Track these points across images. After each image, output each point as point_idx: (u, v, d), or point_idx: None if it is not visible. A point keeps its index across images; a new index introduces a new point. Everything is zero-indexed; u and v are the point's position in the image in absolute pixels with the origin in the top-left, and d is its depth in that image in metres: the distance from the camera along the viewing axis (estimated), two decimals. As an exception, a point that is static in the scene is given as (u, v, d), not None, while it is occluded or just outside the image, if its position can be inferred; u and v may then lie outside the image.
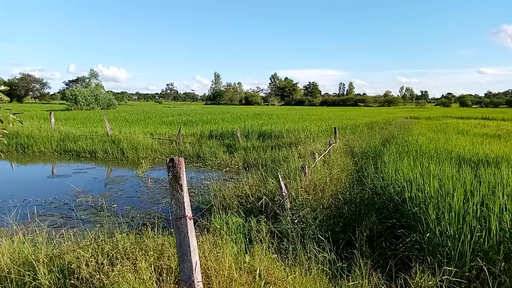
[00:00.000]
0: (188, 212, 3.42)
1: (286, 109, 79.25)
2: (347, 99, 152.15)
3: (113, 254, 3.59)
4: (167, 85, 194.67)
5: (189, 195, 9.57)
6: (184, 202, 3.41)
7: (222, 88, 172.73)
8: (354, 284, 4.33)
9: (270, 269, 3.98)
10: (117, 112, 45.55)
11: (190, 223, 3.38)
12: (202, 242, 4.10)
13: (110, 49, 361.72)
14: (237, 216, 6.05)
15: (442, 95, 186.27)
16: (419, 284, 4.33)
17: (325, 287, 4.38)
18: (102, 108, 64.65)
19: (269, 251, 4.60)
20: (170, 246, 3.87)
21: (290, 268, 4.43)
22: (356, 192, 7.48)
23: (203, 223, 5.64)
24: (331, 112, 53.52)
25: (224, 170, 13.23)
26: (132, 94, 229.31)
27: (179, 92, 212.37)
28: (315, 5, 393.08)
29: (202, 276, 3.45)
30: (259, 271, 3.61)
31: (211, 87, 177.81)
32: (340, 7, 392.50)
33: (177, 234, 3.36)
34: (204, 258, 3.62)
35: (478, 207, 5.03)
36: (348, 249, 5.29)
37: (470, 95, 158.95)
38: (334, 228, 5.96)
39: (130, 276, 3.18)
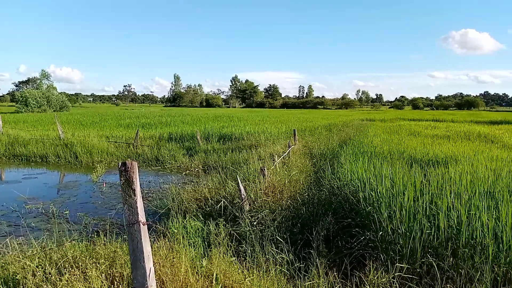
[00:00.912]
0: (142, 217, 3.33)
1: (247, 111, 79.50)
2: (306, 102, 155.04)
3: (61, 263, 3.42)
4: (124, 86, 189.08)
5: (147, 200, 9.36)
6: (137, 207, 3.32)
7: (182, 90, 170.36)
8: (311, 283, 4.41)
9: (227, 272, 3.96)
10: (70, 115, 43.71)
11: (144, 229, 3.30)
12: (157, 247, 4.01)
13: (63, 49, 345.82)
14: (196, 220, 5.99)
15: (396, 98, 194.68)
16: (373, 282, 4.47)
17: (283, 288, 4.42)
18: (54, 111, 61.68)
19: (227, 254, 4.58)
20: (123, 253, 3.75)
21: (248, 271, 4.44)
22: (314, 193, 7.62)
23: (160, 228, 5.52)
24: (291, 115, 54.31)
25: (183, 173, 13.04)
26: (87, 95, 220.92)
27: (137, 94, 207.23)
28: (275, 8, 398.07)
29: (156, 283, 3.37)
30: (216, 275, 3.58)
31: (170, 88, 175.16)
32: (299, 10, 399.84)
33: (130, 241, 3.26)
34: (159, 264, 3.53)
35: (427, 205, 5.29)
36: (306, 249, 5.37)
37: (422, 98, 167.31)
38: (292, 229, 6.04)
39: (80, 286, 3.04)
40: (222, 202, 6.20)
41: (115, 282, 3.28)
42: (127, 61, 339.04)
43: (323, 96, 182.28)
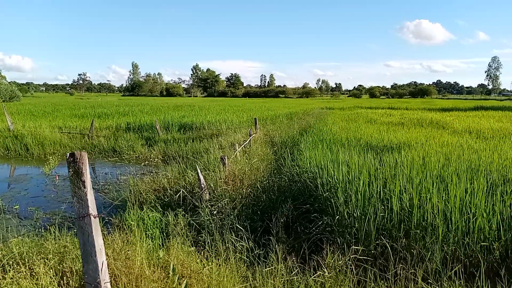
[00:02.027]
0: (93, 210, 3.19)
1: (208, 100, 78.69)
2: (268, 91, 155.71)
3: (6, 260, 3.21)
4: (79, 75, 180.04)
5: (103, 192, 9.04)
6: (87, 200, 3.18)
7: (141, 79, 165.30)
8: (270, 269, 4.44)
9: (186, 262, 3.90)
10: (21, 105, 41.26)
11: (95, 222, 3.16)
12: (112, 240, 3.87)
13: (13, 36, 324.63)
14: (154, 211, 5.86)
15: (354, 87, 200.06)
16: (330, 264, 4.58)
17: (243, 275, 4.43)
18: (3, 101, 57.93)
19: (186, 245, 4.51)
20: (74, 247, 3.59)
21: (207, 260, 4.40)
22: (274, 180, 7.67)
23: (115, 221, 5.35)
24: (253, 104, 54.32)
25: (142, 164, 12.70)
26: (39, 85, 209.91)
27: (93, 83, 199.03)
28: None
29: (110, 276, 3.26)
30: (173, 265, 3.51)
31: (129, 77, 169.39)
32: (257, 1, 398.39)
33: (80, 234, 3.12)
34: (113, 257, 3.41)
35: (381, 189, 5.46)
36: (266, 236, 5.41)
37: (379, 86, 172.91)
38: (253, 216, 6.06)
39: (26, 283, 2.88)
40: (181, 192, 6.09)
41: (65, 278, 3.13)
42: (81, 49, 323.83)
43: (284, 85, 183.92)
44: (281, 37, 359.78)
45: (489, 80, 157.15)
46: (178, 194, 6.16)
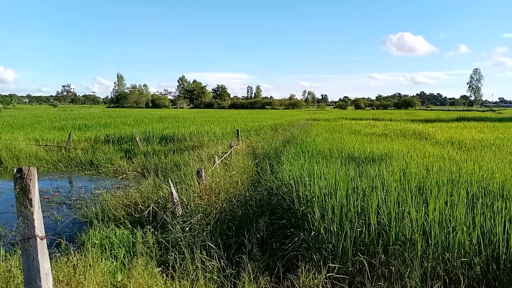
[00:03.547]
0: (40, 231, 2.91)
1: (194, 112, 78.35)
2: (255, 102, 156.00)
3: None
4: (63, 86, 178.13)
5: (75, 207, 8.63)
6: (33, 220, 2.91)
7: (126, 90, 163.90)
8: (242, 290, 4.18)
9: (148, 285, 3.61)
10: (0, 117, 40.25)
11: (42, 244, 2.88)
12: (66, 263, 3.56)
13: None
14: (122, 228, 5.55)
15: (340, 98, 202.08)
16: (305, 284, 4.34)
17: (213, 297, 4.16)
18: (-18, 112, 56.60)
19: (151, 265, 4.21)
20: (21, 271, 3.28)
21: (174, 281, 4.12)
22: (252, 194, 7.43)
23: (80, 240, 5.02)
24: (239, 115, 54.19)
25: (120, 177, 12.30)
26: (22, 96, 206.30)
27: (77, 95, 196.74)
28: (222, 6, 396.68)
29: (58, 305, 2.95)
30: (130, 291, 3.22)
31: (114, 89, 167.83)
32: (247, 9, 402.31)
33: (24, 258, 2.84)
34: (64, 283, 3.11)
35: (359, 203, 5.27)
36: (239, 254, 5.14)
37: (364, 98, 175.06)
38: (227, 232, 5.79)
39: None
40: (151, 207, 5.79)
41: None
42: (66, 60, 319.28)
43: (271, 97, 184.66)
44: (268, 49, 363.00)
45: (471, 92, 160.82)
46: (148, 209, 5.86)
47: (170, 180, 6.10)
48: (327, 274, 4.49)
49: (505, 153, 11.26)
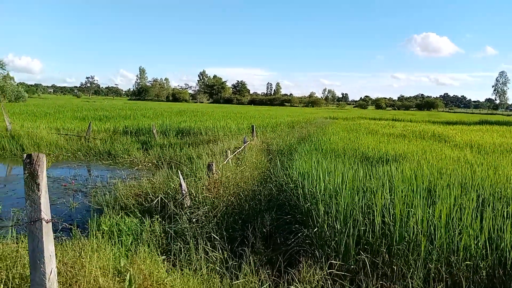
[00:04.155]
0: (46, 214, 3.06)
1: (213, 106, 78.88)
2: (274, 99, 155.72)
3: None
4: (87, 78, 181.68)
5: (90, 195, 8.88)
6: (40, 204, 3.05)
7: (148, 84, 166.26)
8: (242, 281, 4.26)
9: (150, 272, 3.73)
10: (25, 106, 41.52)
11: (47, 227, 3.02)
12: (71, 247, 3.71)
13: (23, 37, 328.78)
14: (132, 216, 5.71)
15: (361, 97, 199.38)
16: (306, 279, 4.39)
17: (214, 286, 4.25)
18: (9, 101, 58.41)
19: (155, 253, 4.34)
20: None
21: (177, 269, 4.23)
22: (261, 189, 7.50)
23: (91, 226, 5.19)
24: (257, 111, 54.25)
25: (135, 168, 12.58)
26: (47, 86, 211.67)
27: (101, 86, 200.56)
28: (243, 4, 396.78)
29: (62, 285, 3.10)
30: (130, 275, 3.34)
31: (136, 81, 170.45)
32: (270, 7, 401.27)
33: (30, 240, 2.99)
34: (66, 265, 3.25)
35: (364, 202, 5.27)
36: (243, 247, 5.23)
37: (385, 98, 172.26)
38: (234, 225, 5.88)
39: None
40: (159, 198, 5.94)
41: (12, 285, 2.98)
42: (90, 52, 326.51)
43: (290, 94, 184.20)
44: (289, 46, 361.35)
45: (496, 95, 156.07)
46: (156, 200, 6.00)
47: (179, 172, 6.22)
48: (329, 271, 4.52)
49: (525, 158, 10.96)
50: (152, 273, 3.67)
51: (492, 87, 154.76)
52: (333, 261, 4.65)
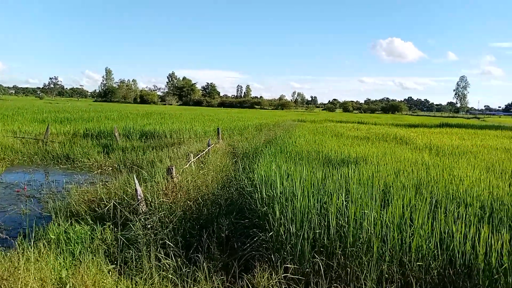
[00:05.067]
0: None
1: (182, 109, 77.91)
2: (244, 101, 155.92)
3: None
4: (50, 79, 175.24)
5: (43, 201, 8.47)
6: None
7: (114, 85, 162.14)
8: (196, 289, 4.16)
9: (95, 282, 3.56)
10: (-19, 107, 39.41)
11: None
12: (8, 257, 3.49)
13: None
14: (83, 223, 5.47)
15: (329, 100, 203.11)
16: (260, 284, 4.34)
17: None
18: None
19: (102, 262, 4.16)
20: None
21: (127, 279, 4.07)
22: (221, 193, 7.41)
23: (36, 234, 4.93)
24: (227, 114, 54.02)
25: (95, 172, 12.16)
26: (8, 87, 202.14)
27: (65, 87, 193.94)
28: (213, 4, 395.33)
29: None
30: (70, 287, 3.17)
31: (102, 83, 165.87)
32: (240, 8, 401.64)
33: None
34: (4, 279, 3.04)
35: (320, 205, 5.29)
36: (200, 253, 5.12)
37: (352, 101, 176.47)
38: (191, 231, 5.75)
39: None
40: (112, 204, 5.72)
41: None
42: (54, 52, 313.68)
43: (261, 97, 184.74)
44: (260, 49, 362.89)
45: (457, 99, 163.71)
46: (108, 206, 5.78)
47: (134, 177, 6.03)
48: (284, 275, 4.49)
49: (479, 160, 11.43)
50: (97, 284, 3.50)
51: (453, 91, 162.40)
52: (288, 265, 4.63)
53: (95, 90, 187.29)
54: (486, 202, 6.16)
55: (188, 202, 6.43)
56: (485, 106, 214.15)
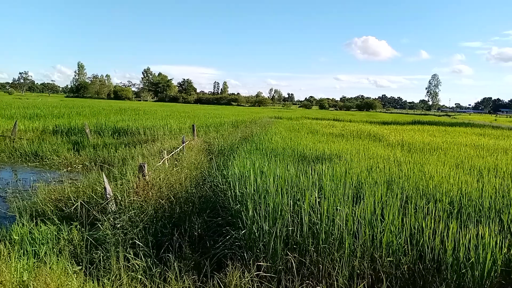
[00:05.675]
0: None
1: (157, 105, 76.75)
2: (221, 98, 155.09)
3: None
4: (20, 73, 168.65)
5: (9, 201, 8.13)
6: None
7: (87, 80, 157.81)
8: (166, 289, 4.06)
9: (58, 285, 3.41)
10: None
11: None
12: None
13: None
14: (49, 223, 5.26)
15: (305, 98, 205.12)
16: (233, 283, 4.28)
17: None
18: None
19: (70, 263, 4.00)
20: None
21: (94, 280, 3.93)
22: (196, 191, 7.30)
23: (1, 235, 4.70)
24: (203, 110, 53.53)
25: (64, 170, 11.77)
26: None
27: (36, 82, 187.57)
28: (188, 0, 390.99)
29: None
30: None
31: (74, 78, 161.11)
32: (214, 2, 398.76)
33: None
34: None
35: (293, 202, 5.28)
36: (170, 252, 5.01)
37: (328, 98, 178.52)
38: (162, 230, 5.63)
39: None
40: (79, 203, 5.53)
41: None
42: (24, 46, 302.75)
43: (238, 93, 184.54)
44: (237, 45, 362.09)
45: (429, 97, 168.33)
46: (75, 205, 5.59)
47: (103, 175, 5.85)
48: (256, 273, 4.45)
49: (449, 156, 11.75)
50: (61, 286, 3.36)
51: (426, 89, 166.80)
52: (261, 263, 4.60)
53: (67, 85, 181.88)
54: (455, 198, 6.32)
55: (160, 200, 6.29)
56: (455, 104, 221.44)
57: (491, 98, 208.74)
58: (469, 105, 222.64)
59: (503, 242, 4.61)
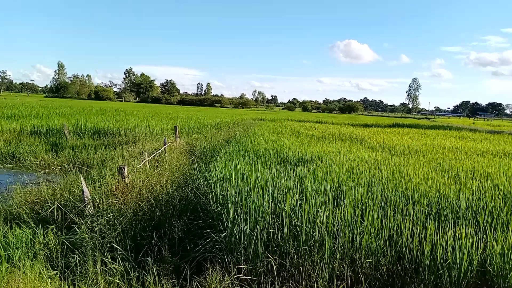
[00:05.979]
0: None
1: (140, 106, 75.86)
2: (204, 99, 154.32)
3: None
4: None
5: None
6: None
7: (67, 80, 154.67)
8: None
9: (32, 291, 3.31)
10: None
11: None
12: None
13: None
14: (25, 227, 5.11)
15: (289, 100, 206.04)
16: (212, 286, 4.25)
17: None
18: None
19: (45, 268, 3.90)
20: None
21: (69, 285, 3.84)
22: (176, 193, 7.23)
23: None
24: (186, 111, 53.16)
25: (42, 172, 11.49)
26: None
27: (14, 82, 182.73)
28: (171, 0, 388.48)
29: None
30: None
31: (54, 77, 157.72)
32: (197, 2, 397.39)
33: None
34: None
35: (274, 204, 5.28)
36: (150, 256, 4.94)
37: (311, 101, 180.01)
38: (142, 233, 5.55)
39: None
40: (56, 205, 5.40)
41: None
42: (2, 45, 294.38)
43: (221, 95, 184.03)
44: (220, 47, 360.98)
45: (409, 100, 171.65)
46: (51, 208, 5.45)
47: (81, 177, 5.73)
48: (236, 276, 4.43)
49: (428, 159, 11.97)
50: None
51: (406, 92, 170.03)
52: (241, 266, 4.58)
53: (46, 85, 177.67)
54: (433, 200, 6.44)
55: (140, 203, 6.19)
56: (435, 107, 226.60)
57: (469, 101, 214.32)
58: (448, 108, 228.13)
59: (479, 243, 4.73)
